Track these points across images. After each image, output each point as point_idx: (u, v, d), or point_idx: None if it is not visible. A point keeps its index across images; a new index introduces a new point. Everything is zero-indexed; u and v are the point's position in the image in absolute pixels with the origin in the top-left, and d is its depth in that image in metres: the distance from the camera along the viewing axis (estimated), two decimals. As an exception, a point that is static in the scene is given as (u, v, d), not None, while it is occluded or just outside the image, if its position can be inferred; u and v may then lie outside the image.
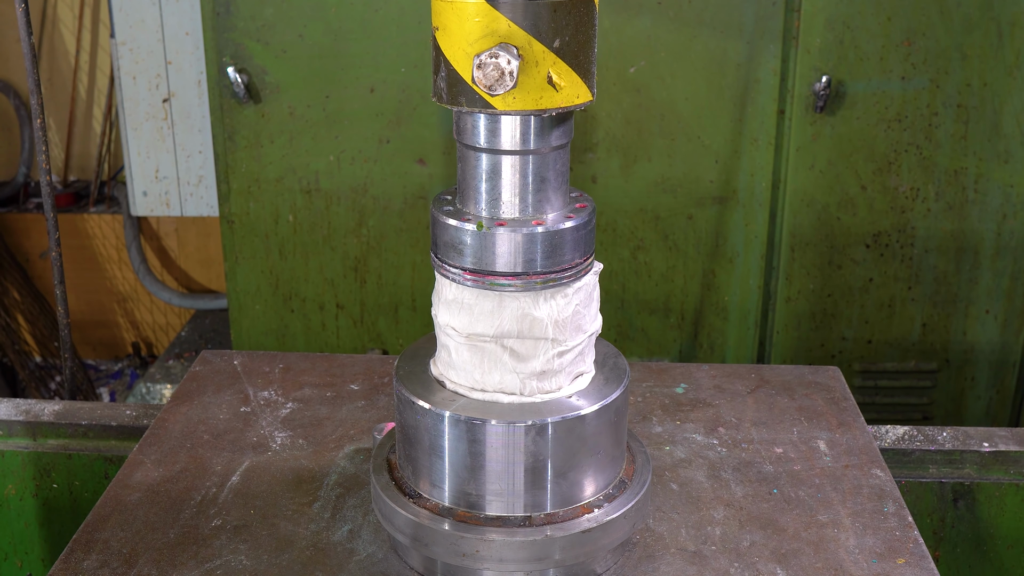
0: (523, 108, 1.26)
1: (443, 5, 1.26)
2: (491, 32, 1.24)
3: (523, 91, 1.24)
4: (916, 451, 1.91)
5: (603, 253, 3.09)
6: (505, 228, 1.31)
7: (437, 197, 1.40)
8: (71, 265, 5.12)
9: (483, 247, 1.32)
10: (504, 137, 1.31)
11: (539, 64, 1.24)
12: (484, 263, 1.33)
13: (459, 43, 1.26)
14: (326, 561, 1.46)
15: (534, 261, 1.32)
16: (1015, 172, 2.98)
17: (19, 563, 2.09)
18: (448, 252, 1.35)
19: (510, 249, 1.32)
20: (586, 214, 1.36)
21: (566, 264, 1.34)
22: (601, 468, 1.41)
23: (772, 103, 2.94)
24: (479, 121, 1.31)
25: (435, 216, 1.36)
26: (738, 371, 2.01)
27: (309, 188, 3.05)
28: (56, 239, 2.17)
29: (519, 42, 1.23)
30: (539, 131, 1.31)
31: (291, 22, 2.90)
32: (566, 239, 1.33)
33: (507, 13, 1.23)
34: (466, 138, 1.33)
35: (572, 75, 1.27)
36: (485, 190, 1.34)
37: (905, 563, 1.47)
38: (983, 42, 2.86)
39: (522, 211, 1.34)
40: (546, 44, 1.24)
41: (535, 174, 1.33)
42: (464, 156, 1.35)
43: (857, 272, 3.08)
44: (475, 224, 1.32)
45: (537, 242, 1.32)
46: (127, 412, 2.02)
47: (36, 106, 2.10)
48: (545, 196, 1.34)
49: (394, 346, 3.22)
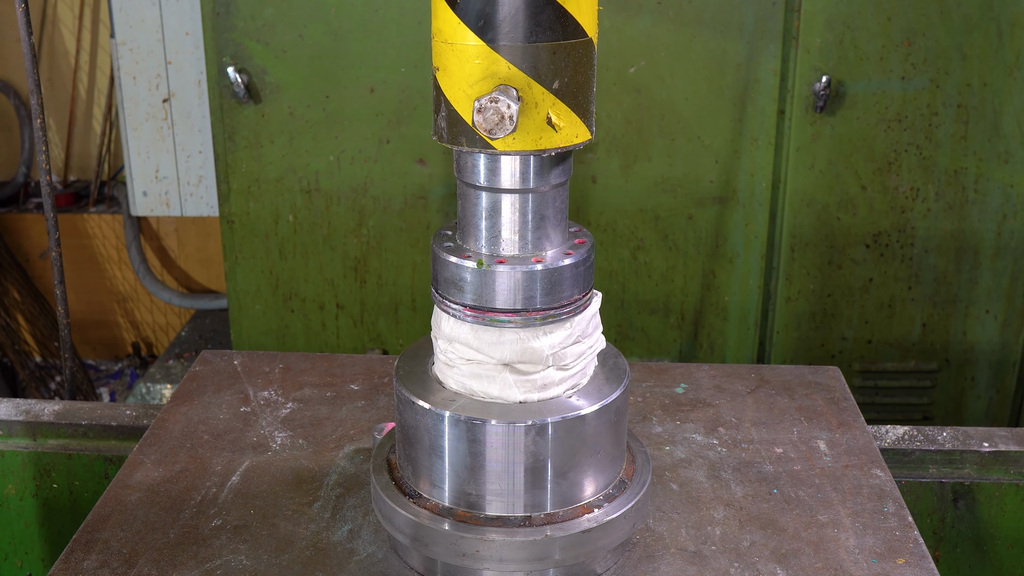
0: (523, 148, 1.27)
1: (443, 47, 1.28)
2: (491, 74, 1.25)
3: (523, 132, 1.26)
4: (916, 451, 1.91)
5: (603, 253, 3.09)
6: (505, 265, 1.33)
7: (438, 233, 1.42)
8: (71, 265, 5.12)
9: (483, 284, 1.34)
10: (504, 176, 1.33)
11: (539, 105, 1.26)
12: (484, 300, 1.34)
13: (459, 84, 1.27)
14: (326, 561, 1.46)
15: (533, 298, 1.34)
16: (1015, 172, 2.98)
17: (19, 563, 2.09)
18: (448, 288, 1.37)
19: (510, 286, 1.34)
20: (585, 250, 1.38)
21: (565, 300, 1.36)
22: (601, 468, 1.41)
23: (772, 103, 2.94)
24: (479, 160, 1.33)
25: (435, 252, 1.38)
26: (738, 371, 2.01)
27: (309, 188, 3.05)
28: (56, 239, 2.17)
29: (519, 84, 1.25)
30: (538, 170, 1.33)
31: (291, 22, 2.90)
32: (565, 276, 1.35)
33: (507, 56, 1.24)
34: (466, 176, 1.35)
35: (571, 115, 1.29)
36: (485, 227, 1.36)
37: (905, 563, 1.47)
38: (983, 42, 2.86)
39: (522, 248, 1.36)
40: (545, 86, 1.26)
41: (535, 212, 1.35)
42: (464, 193, 1.37)
43: (857, 272, 3.08)
44: (475, 262, 1.34)
45: (536, 280, 1.33)
46: (127, 412, 2.02)
47: (36, 106, 2.10)
48: (544, 233, 1.36)
49: (394, 346, 3.22)
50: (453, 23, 1.26)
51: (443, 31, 1.27)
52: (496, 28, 1.24)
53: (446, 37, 1.27)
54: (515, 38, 1.24)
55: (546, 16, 1.24)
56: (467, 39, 1.25)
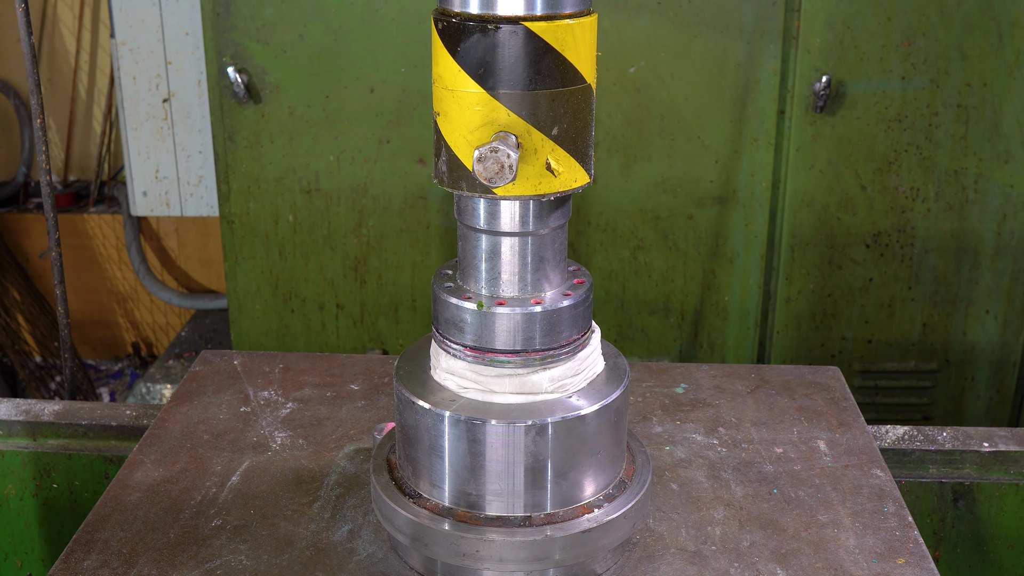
0: (522, 194, 1.29)
1: (444, 93, 1.29)
2: (491, 121, 1.26)
3: (522, 178, 1.28)
4: (916, 451, 1.91)
5: (603, 253, 3.09)
6: (505, 308, 1.35)
7: (438, 272, 1.44)
8: (71, 265, 5.12)
9: (483, 326, 1.36)
10: (503, 220, 1.34)
11: (538, 152, 1.27)
12: (484, 341, 1.36)
13: (459, 130, 1.28)
14: (326, 561, 1.46)
15: (533, 339, 1.36)
16: (1015, 172, 2.98)
17: (19, 563, 2.09)
18: (449, 328, 1.39)
19: (509, 328, 1.35)
20: (583, 291, 1.40)
21: (564, 341, 1.38)
22: (601, 468, 1.41)
23: (772, 103, 2.94)
24: (479, 204, 1.35)
25: (436, 293, 1.40)
26: (738, 371, 2.01)
27: (309, 188, 3.05)
28: (56, 239, 2.17)
29: (518, 131, 1.26)
30: (538, 214, 1.34)
31: (291, 22, 2.90)
32: (564, 317, 1.37)
33: (506, 103, 1.26)
34: (466, 219, 1.37)
35: (570, 160, 1.30)
36: (485, 269, 1.37)
37: (905, 563, 1.47)
38: (983, 42, 2.86)
39: (521, 290, 1.37)
40: (544, 132, 1.27)
41: (534, 254, 1.37)
42: (464, 235, 1.39)
43: (857, 272, 3.08)
44: (475, 303, 1.36)
45: (536, 321, 1.35)
46: (127, 412, 2.02)
47: (36, 106, 2.10)
48: (544, 274, 1.38)
49: (394, 346, 3.22)
50: (453, 70, 1.27)
51: (443, 77, 1.29)
52: (496, 76, 1.25)
53: (446, 83, 1.29)
54: (515, 86, 1.25)
55: (545, 64, 1.26)
56: (467, 86, 1.27)
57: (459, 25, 1.26)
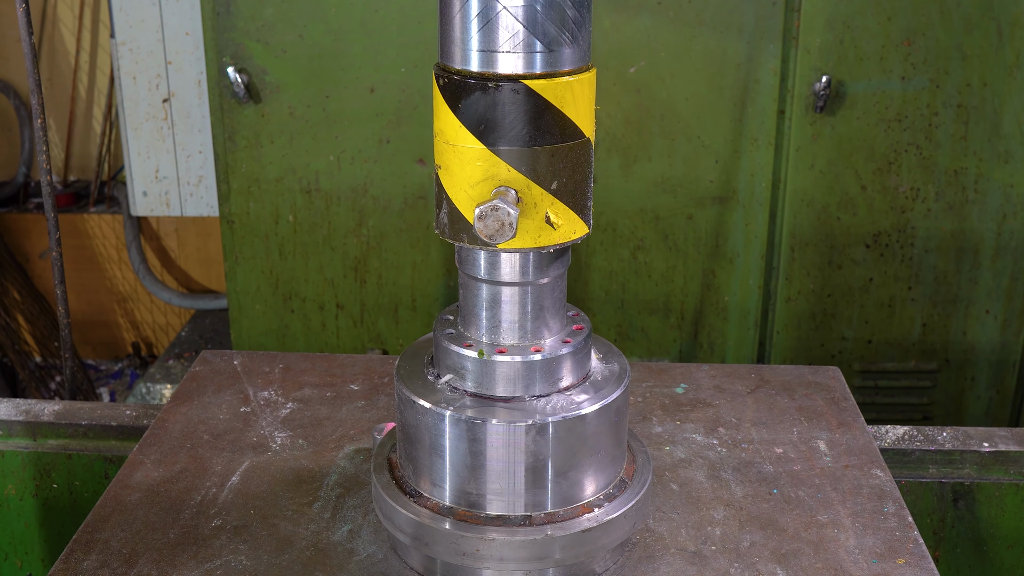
0: (522, 247, 1.31)
1: (445, 147, 1.31)
2: (491, 176, 1.28)
3: (522, 231, 1.30)
4: (916, 451, 1.91)
5: (603, 253, 3.09)
6: (505, 356, 1.37)
7: (440, 318, 1.46)
8: (71, 265, 5.12)
9: (484, 373, 1.38)
10: (504, 270, 1.37)
11: (537, 206, 1.30)
12: (485, 387, 1.38)
13: (460, 184, 1.30)
14: (326, 561, 1.46)
15: (533, 385, 1.38)
16: (1015, 172, 2.98)
17: (19, 563, 2.09)
18: (450, 374, 1.41)
19: (510, 376, 1.38)
20: (582, 337, 1.42)
21: (563, 386, 1.40)
22: (601, 468, 1.42)
23: (772, 103, 2.94)
24: (480, 256, 1.37)
25: (438, 340, 1.42)
26: (738, 371, 2.01)
27: (309, 188, 3.05)
28: (56, 239, 2.17)
29: (518, 186, 1.28)
30: (537, 264, 1.37)
31: (291, 22, 2.90)
32: (563, 364, 1.39)
33: (507, 159, 1.28)
34: (468, 269, 1.39)
35: (569, 213, 1.32)
36: (486, 317, 1.40)
37: (905, 563, 1.47)
38: (983, 42, 2.86)
39: (521, 337, 1.40)
40: (544, 187, 1.29)
41: (534, 303, 1.39)
42: (466, 284, 1.41)
43: (857, 272, 3.08)
44: (476, 352, 1.38)
45: (535, 369, 1.38)
46: (127, 412, 2.02)
47: (36, 106, 2.10)
48: (543, 322, 1.40)
49: (394, 346, 3.22)
50: (455, 126, 1.29)
51: (445, 132, 1.30)
52: (496, 132, 1.27)
53: (448, 138, 1.30)
54: (515, 142, 1.27)
55: (545, 121, 1.27)
56: (468, 142, 1.28)
57: (460, 83, 1.27)
